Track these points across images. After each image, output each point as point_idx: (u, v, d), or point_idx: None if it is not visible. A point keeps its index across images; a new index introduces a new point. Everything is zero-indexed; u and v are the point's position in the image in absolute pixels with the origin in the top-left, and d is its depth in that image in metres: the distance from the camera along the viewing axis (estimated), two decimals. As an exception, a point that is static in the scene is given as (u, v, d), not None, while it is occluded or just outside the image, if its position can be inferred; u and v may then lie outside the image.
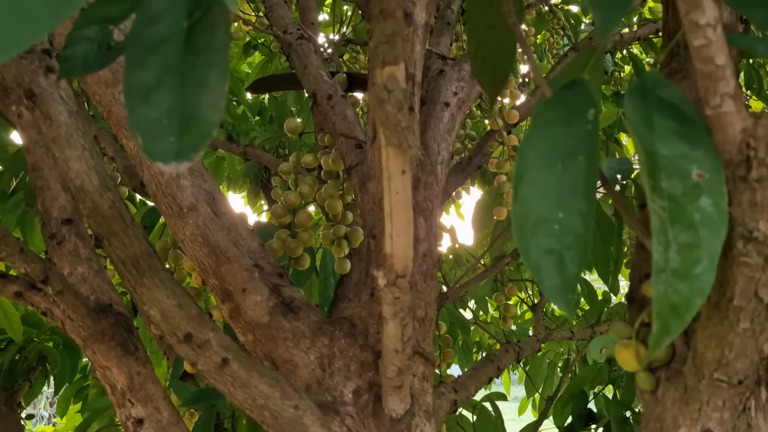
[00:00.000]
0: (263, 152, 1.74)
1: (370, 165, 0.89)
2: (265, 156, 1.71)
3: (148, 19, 0.36)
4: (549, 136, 0.44)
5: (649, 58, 3.25)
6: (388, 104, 0.51)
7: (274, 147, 2.48)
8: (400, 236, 0.56)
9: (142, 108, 0.34)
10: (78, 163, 0.63)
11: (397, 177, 0.54)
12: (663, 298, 0.36)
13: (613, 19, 0.39)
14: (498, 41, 0.64)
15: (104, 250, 0.67)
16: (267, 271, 0.84)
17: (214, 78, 0.34)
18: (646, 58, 3.25)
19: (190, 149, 0.33)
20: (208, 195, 0.86)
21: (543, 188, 0.43)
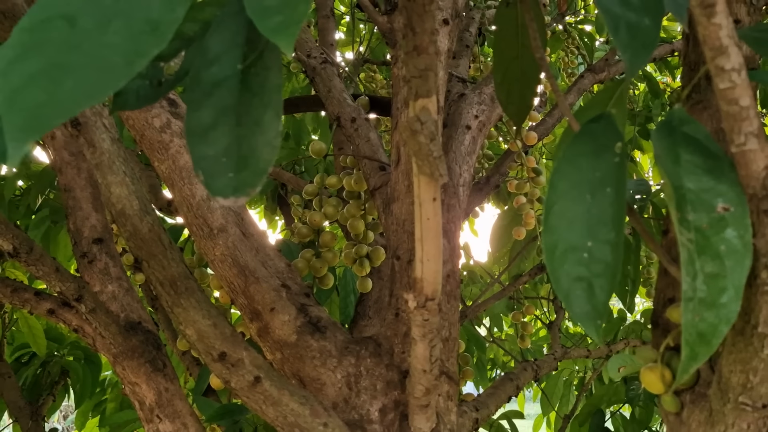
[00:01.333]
0: (282, 170, 1.77)
1: (394, 187, 0.91)
2: (285, 174, 1.74)
3: (206, 63, 0.39)
4: (578, 168, 0.46)
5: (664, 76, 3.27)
6: (421, 135, 0.53)
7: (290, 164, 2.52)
8: (430, 261, 0.59)
9: (202, 146, 0.36)
10: (119, 188, 0.65)
11: (428, 204, 0.56)
12: (691, 326, 0.38)
13: (641, 60, 0.42)
14: (523, 71, 0.66)
15: (143, 271, 0.69)
16: (294, 291, 0.86)
17: (269, 118, 0.37)
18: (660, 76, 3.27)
19: (247, 185, 0.35)
20: (237, 216, 0.88)
21: (572, 218, 0.45)
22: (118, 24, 0.33)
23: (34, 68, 0.31)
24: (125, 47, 0.32)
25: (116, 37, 0.32)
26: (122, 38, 0.32)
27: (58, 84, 0.30)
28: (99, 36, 0.32)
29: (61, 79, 0.31)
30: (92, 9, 0.34)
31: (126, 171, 0.67)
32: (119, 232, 0.67)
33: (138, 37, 0.33)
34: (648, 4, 0.43)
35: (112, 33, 0.33)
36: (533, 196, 1.20)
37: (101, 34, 0.33)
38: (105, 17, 0.33)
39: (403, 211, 0.89)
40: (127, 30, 0.33)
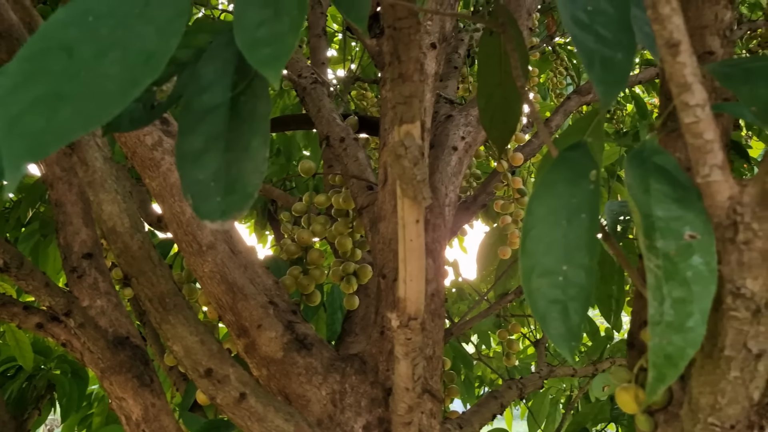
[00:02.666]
0: (272, 187, 1.79)
1: (381, 206, 0.93)
2: (275, 191, 1.76)
3: (198, 90, 0.40)
4: (555, 194, 0.48)
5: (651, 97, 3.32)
6: (405, 159, 0.55)
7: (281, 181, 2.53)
8: (413, 281, 0.60)
9: (192, 170, 0.38)
10: (111, 206, 0.67)
11: (412, 226, 0.58)
12: (658, 348, 0.39)
13: (614, 93, 0.44)
14: (506, 98, 0.68)
15: (133, 288, 0.70)
16: (281, 308, 0.87)
17: (257, 145, 0.38)
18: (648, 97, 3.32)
19: (234, 209, 0.37)
20: (226, 234, 0.90)
21: (549, 243, 0.47)
22: (114, 54, 0.35)
23: (32, 96, 0.32)
24: (121, 77, 0.34)
25: (113, 67, 0.34)
26: (118, 68, 0.34)
27: (55, 111, 0.32)
28: (96, 66, 0.34)
29: (58, 107, 0.32)
30: (90, 40, 0.35)
31: (118, 189, 0.68)
32: (109, 248, 0.68)
33: (133, 67, 0.34)
34: (621, 39, 0.45)
35: (108, 63, 0.34)
36: (518, 216, 1.22)
37: (98, 64, 0.34)
38: (102, 48, 0.35)
39: (390, 230, 0.91)
40: (123, 60, 0.34)
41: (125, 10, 0.37)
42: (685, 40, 0.36)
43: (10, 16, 0.67)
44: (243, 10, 0.38)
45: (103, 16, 0.36)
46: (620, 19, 0.46)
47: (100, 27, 0.36)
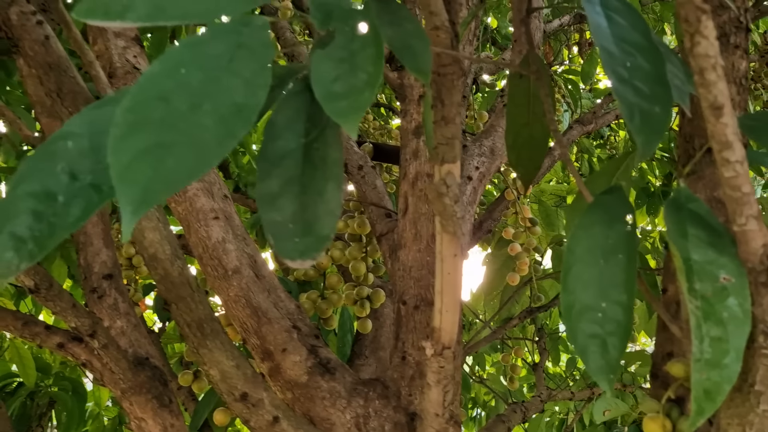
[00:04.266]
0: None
1: (401, 234, 0.96)
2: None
3: (273, 136, 0.43)
4: (592, 235, 0.51)
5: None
6: (446, 197, 0.58)
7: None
8: (449, 312, 0.63)
9: (271, 212, 0.41)
10: (153, 233, 0.69)
11: (450, 259, 0.61)
12: (699, 384, 0.42)
13: (653, 144, 0.47)
14: (533, 137, 0.72)
15: (172, 313, 0.72)
16: (304, 332, 0.90)
17: (330, 189, 0.41)
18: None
19: (312, 249, 0.40)
20: (250, 259, 0.92)
21: (587, 280, 0.50)
22: (207, 106, 0.38)
23: (139, 146, 0.35)
24: (216, 128, 0.37)
25: (207, 119, 0.37)
26: (212, 120, 0.37)
27: (161, 161, 0.35)
28: (192, 117, 0.37)
29: (163, 157, 0.35)
30: (183, 91, 0.38)
31: (159, 217, 0.70)
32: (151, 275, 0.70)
33: (226, 118, 0.37)
34: (658, 93, 0.49)
35: (203, 114, 0.37)
36: (530, 245, 1.26)
37: (194, 116, 0.37)
38: (195, 99, 0.38)
39: (410, 258, 0.94)
40: (216, 112, 0.37)
41: (213, 64, 0.40)
42: (727, 103, 0.39)
43: (59, 48, 0.70)
44: (320, 65, 0.41)
45: (194, 69, 0.39)
46: (657, 74, 0.49)
47: (192, 79, 0.39)
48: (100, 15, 0.46)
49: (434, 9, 0.54)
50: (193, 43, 0.41)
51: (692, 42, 0.38)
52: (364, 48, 0.41)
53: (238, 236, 0.93)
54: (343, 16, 0.43)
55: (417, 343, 0.88)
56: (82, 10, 0.46)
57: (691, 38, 0.38)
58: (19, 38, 0.67)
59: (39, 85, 0.75)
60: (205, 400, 1.27)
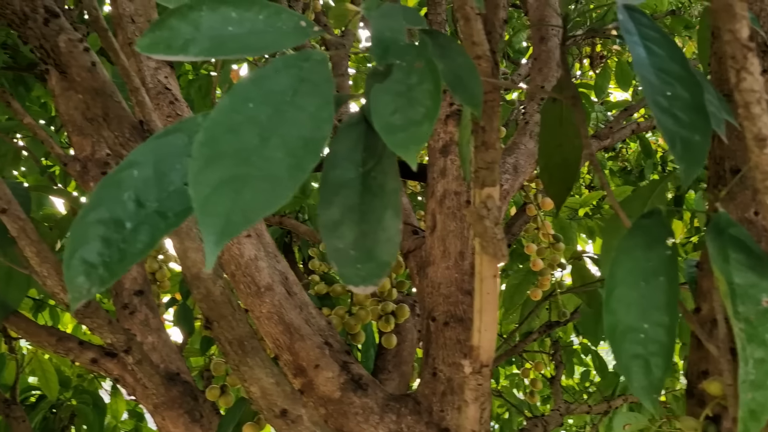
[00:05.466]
0: (299, 223, 1.83)
1: (430, 252, 0.97)
2: (301, 227, 1.80)
3: (332, 165, 0.45)
4: (633, 258, 0.53)
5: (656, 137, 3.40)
6: (487, 220, 0.60)
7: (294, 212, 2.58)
8: (487, 331, 0.65)
9: (333, 239, 0.43)
10: (195, 253, 0.71)
11: (489, 280, 0.63)
12: (744, 404, 0.44)
13: (695, 171, 0.49)
14: (564, 158, 0.74)
15: (213, 332, 0.74)
16: (336, 349, 0.91)
17: (389, 217, 0.43)
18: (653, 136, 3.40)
19: (373, 275, 0.41)
20: (282, 276, 0.94)
21: (629, 302, 0.52)
22: (276, 140, 0.40)
23: (217, 178, 0.37)
24: (287, 161, 0.38)
25: (277, 152, 0.39)
26: (282, 153, 0.39)
27: (239, 193, 0.37)
28: (262, 150, 0.39)
29: (240, 189, 0.37)
30: (252, 125, 0.40)
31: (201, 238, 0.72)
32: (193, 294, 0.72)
33: (294, 152, 0.39)
34: (697, 122, 0.51)
35: (273, 148, 0.39)
36: (554, 261, 1.27)
37: (264, 149, 0.39)
38: (264, 133, 0.40)
39: (439, 275, 0.95)
40: (285, 146, 0.39)
41: (278, 98, 0.42)
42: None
43: (104, 74, 0.72)
44: (378, 97, 0.43)
45: (261, 103, 0.41)
46: (695, 103, 0.51)
47: (259, 113, 0.41)
48: (162, 49, 0.48)
49: (477, 39, 0.56)
50: (258, 78, 0.43)
51: (738, 78, 0.40)
52: (422, 83, 0.43)
53: (270, 253, 0.95)
54: (400, 51, 0.44)
55: (447, 359, 0.89)
56: (145, 45, 0.48)
57: (737, 74, 0.40)
58: (67, 65, 0.70)
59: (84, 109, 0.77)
60: (229, 415, 1.28)
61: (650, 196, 0.63)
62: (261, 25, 0.49)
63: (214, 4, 0.50)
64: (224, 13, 0.49)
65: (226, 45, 0.48)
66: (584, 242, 2.58)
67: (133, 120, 0.71)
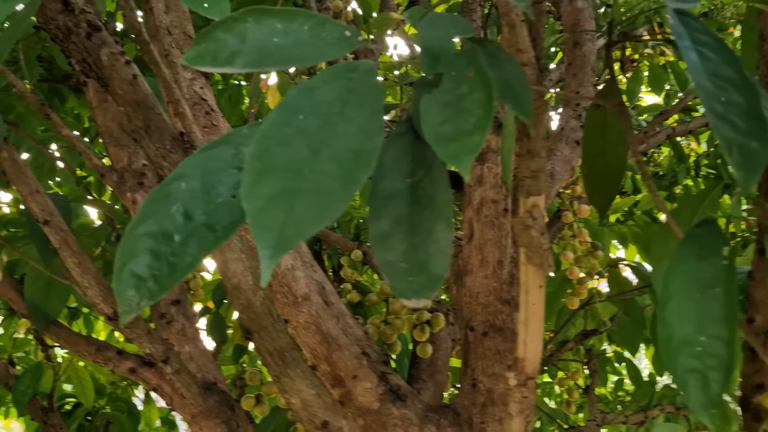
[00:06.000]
0: (330, 231, 1.83)
1: (467, 261, 0.96)
2: (332, 235, 1.80)
3: (381, 176, 0.44)
4: (687, 268, 0.51)
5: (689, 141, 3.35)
6: (533, 229, 0.59)
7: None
8: (533, 342, 0.63)
9: (383, 251, 0.42)
10: (236, 264, 0.71)
11: (535, 291, 0.62)
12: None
13: (753, 178, 0.47)
14: (608, 166, 0.72)
15: (254, 342, 0.74)
16: (374, 359, 0.91)
17: (440, 229, 0.42)
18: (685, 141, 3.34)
19: (426, 288, 0.41)
20: (318, 285, 0.94)
21: (684, 314, 0.50)
22: (326, 152, 0.39)
23: (269, 192, 0.37)
24: (339, 174, 0.38)
25: (328, 164, 0.38)
26: (333, 165, 0.38)
27: (291, 207, 0.36)
28: (314, 163, 0.38)
29: (293, 202, 0.36)
30: (303, 137, 0.40)
31: (242, 248, 0.73)
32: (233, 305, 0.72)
33: (346, 164, 0.39)
34: (754, 128, 0.49)
35: (324, 160, 0.39)
36: (592, 270, 1.25)
37: (315, 162, 0.38)
38: (315, 146, 0.39)
39: (477, 284, 0.94)
40: (336, 158, 0.39)
41: (327, 110, 0.41)
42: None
43: (145, 87, 0.73)
44: (428, 107, 0.43)
45: (310, 115, 0.41)
46: (752, 109, 0.49)
47: (309, 125, 0.40)
48: (208, 62, 0.48)
49: (522, 47, 0.55)
50: (307, 89, 0.42)
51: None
52: (473, 92, 0.42)
53: (306, 263, 0.95)
54: (450, 61, 0.44)
55: (487, 369, 0.88)
56: (191, 57, 0.48)
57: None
58: (109, 78, 0.70)
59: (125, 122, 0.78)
60: (264, 425, 1.28)
61: (701, 204, 0.61)
62: (306, 36, 0.49)
63: (259, 16, 0.49)
64: (269, 25, 0.49)
65: (272, 56, 0.47)
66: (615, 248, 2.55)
67: (174, 131, 0.71)
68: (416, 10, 0.54)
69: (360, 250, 1.58)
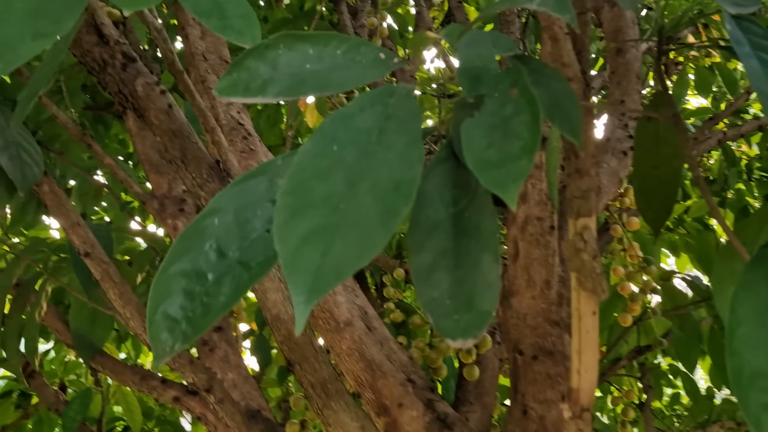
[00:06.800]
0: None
1: (512, 281, 0.93)
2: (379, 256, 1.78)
3: (421, 205, 0.42)
4: (757, 294, 0.47)
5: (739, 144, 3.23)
6: (584, 253, 0.55)
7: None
8: (587, 372, 0.60)
9: (427, 288, 0.39)
10: (275, 294, 0.70)
11: (588, 318, 0.58)
12: None
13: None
14: (662, 180, 0.68)
15: (295, 374, 0.72)
16: (419, 386, 0.88)
17: (486, 260, 0.40)
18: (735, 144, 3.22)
19: (473, 327, 0.38)
20: (361, 310, 0.91)
21: (756, 344, 0.46)
22: (365, 184, 0.37)
23: (304, 230, 0.35)
24: (377, 208, 0.36)
25: (366, 198, 0.36)
26: (371, 198, 0.36)
27: (328, 246, 0.34)
28: (351, 197, 0.36)
29: (330, 241, 0.34)
30: (339, 169, 0.37)
31: (281, 278, 0.71)
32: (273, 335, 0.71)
33: (385, 196, 0.36)
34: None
35: (362, 193, 0.36)
36: (646, 286, 1.20)
37: (353, 195, 0.36)
38: (352, 177, 0.37)
39: (524, 305, 0.90)
40: (374, 190, 0.36)
41: (364, 139, 0.39)
42: None
43: (181, 116, 0.72)
44: (471, 132, 0.40)
45: (346, 145, 0.39)
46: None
47: (346, 156, 0.38)
48: (240, 92, 0.46)
49: (567, 60, 0.52)
50: (342, 117, 0.40)
51: None
52: (518, 113, 0.39)
53: (347, 287, 0.93)
54: (492, 81, 0.41)
55: (538, 395, 0.84)
56: (223, 88, 0.46)
57: None
58: (145, 108, 0.70)
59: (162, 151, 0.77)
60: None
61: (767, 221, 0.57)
62: (340, 61, 0.47)
63: (291, 42, 0.48)
64: (302, 50, 0.47)
65: (306, 83, 0.46)
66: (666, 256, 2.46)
67: (210, 160, 0.70)
68: (454, 28, 0.52)
69: (402, 268, 1.56)
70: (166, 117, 0.70)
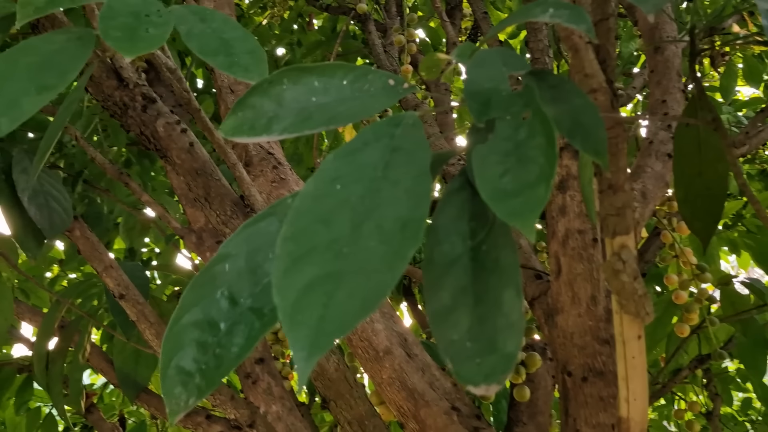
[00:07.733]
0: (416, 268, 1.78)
1: (557, 298, 0.89)
2: (418, 272, 1.75)
3: (436, 241, 0.39)
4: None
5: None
6: (624, 274, 0.52)
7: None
8: (637, 400, 0.56)
9: (445, 330, 0.37)
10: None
11: (633, 342, 0.54)
12: None
13: None
14: (708, 187, 0.64)
15: (331, 411, 0.70)
16: (465, 414, 0.84)
17: (509, 297, 0.37)
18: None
19: (498, 371, 0.35)
20: (400, 337, 0.89)
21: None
22: (369, 225, 0.34)
23: (305, 280, 0.33)
24: (382, 250, 0.33)
25: (371, 241, 0.34)
26: (377, 241, 0.34)
27: (331, 296, 0.32)
28: (355, 240, 0.34)
29: (332, 291, 0.32)
30: (343, 210, 0.35)
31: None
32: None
33: (391, 237, 0.34)
34: None
35: (367, 236, 0.34)
36: (702, 295, 1.13)
37: (357, 238, 0.34)
38: (356, 218, 0.35)
39: (570, 323, 0.86)
40: (379, 231, 0.34)
41: (369, 174, 0.37)
42: None
43: (203, 153, 0.72)
44: (483, 160, 0.37)
45: (351, 183, 0.37)
46: None
47: (350, 195, 0.36)
48: (246, 131, 0.45)
49: (590, 71, 0.49)
50: (347, 153, 0.38)
51: None
52: (533, 136, 0.36)
53: (385, 314, 0.90)
54: (503, 103, 0.38)
55: (590, 419, 0.80)
56: (228, 129, 0.45)
57: None
58: (167, 148, 0.70)
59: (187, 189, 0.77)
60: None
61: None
62: (347, 91, 0.45)
63: (295, 75, 0.46)
64: (307, 84, 0.46)
65: (312, 118, 0.44)
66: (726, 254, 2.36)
67: (234, 196, 0.69)
68: (466, 47, 0.49)
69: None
70: (188, 156, 0.70)
